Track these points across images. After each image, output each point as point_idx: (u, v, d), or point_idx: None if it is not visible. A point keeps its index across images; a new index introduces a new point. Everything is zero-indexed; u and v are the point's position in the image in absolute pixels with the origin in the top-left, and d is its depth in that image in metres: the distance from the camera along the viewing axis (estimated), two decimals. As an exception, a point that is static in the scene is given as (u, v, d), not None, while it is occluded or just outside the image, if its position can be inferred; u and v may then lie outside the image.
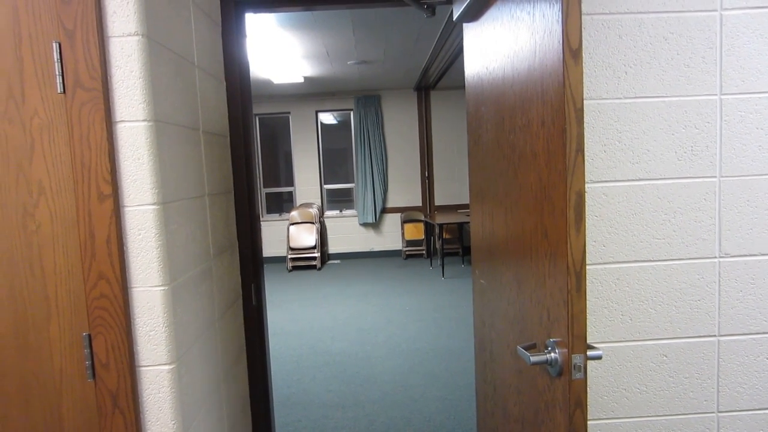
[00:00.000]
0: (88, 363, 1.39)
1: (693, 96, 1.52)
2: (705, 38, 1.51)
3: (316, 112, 8.96)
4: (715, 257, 1.57)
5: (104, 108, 1.32)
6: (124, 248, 1.38)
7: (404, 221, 8.88)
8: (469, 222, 7.39)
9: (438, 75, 7.33)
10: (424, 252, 8.81)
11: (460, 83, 8.07)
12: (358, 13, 4.51)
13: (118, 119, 1.35)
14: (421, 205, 9.05)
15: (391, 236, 9.06)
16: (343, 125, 9.23)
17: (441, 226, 7.94)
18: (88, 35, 1.30)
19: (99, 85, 1.31)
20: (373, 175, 8.84)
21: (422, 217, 8.84)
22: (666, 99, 1.53)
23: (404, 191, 9.04)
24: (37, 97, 1.33)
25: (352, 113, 8.94)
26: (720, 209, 1.56)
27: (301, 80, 7.38)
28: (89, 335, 1.38)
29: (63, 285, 1.38)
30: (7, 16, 1.31)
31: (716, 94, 1.52)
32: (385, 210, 9.03)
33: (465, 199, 8.60)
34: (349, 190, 9.23)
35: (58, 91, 1.32)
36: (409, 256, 8.88)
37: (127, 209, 1.37)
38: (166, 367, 1.42)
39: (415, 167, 8.99)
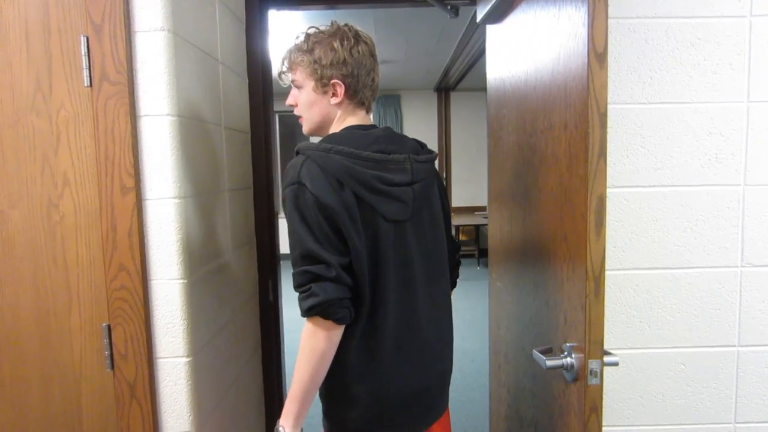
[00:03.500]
0: (107, 353, 1.41)
1: (719, 102, 1.50)
2: (733, 44, 1.49)
3: (336, 111, 8.97)
4: (737, 266, 1.55)
5: (129, 102, 1.34)
6: (145, 241, 1.40)
7: (421, 222, 8.84)
8: (485, 224, 7.33)
9: (459, 76, 7.30)
10: (439, 253, 8.76)
11: (480, 85, 8.03)
12: (380, 13, 4.51)
13: (142, 113, 1.37)
14: (438, 205, 9.01)
15: (407, 236, 9.03)
16: (362, 124, 9.22)
17: (457, 227, 7.92)
18: (116, 29, 1.32)
19: (125, 79, 1.33)
20: (390, 174, 8.81)
21: (439, 218, 8.79)
22: (691, 105, 1.51)
23: (421, 192, 9.00)
24: (64, 90, 1.35)
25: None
26: (744, 218, 1.53)
27: (322, 78, 7.38)
28: (109, 326, 1.40)
29: (84, 275, 1.40)
30: (37, 10, 1.34)
31: (744, 101, 1.50)
32: (401, 210, 8.99)
33: (482, 201, 8.56)
34: (366, 189, 9.21)
35: (85, 85, 1.34)
36: (424, 257, 8.83)
37: (148, 202, 1.39)
38: (183, 360, 1.44)
39: (433, 168, 8.96)
